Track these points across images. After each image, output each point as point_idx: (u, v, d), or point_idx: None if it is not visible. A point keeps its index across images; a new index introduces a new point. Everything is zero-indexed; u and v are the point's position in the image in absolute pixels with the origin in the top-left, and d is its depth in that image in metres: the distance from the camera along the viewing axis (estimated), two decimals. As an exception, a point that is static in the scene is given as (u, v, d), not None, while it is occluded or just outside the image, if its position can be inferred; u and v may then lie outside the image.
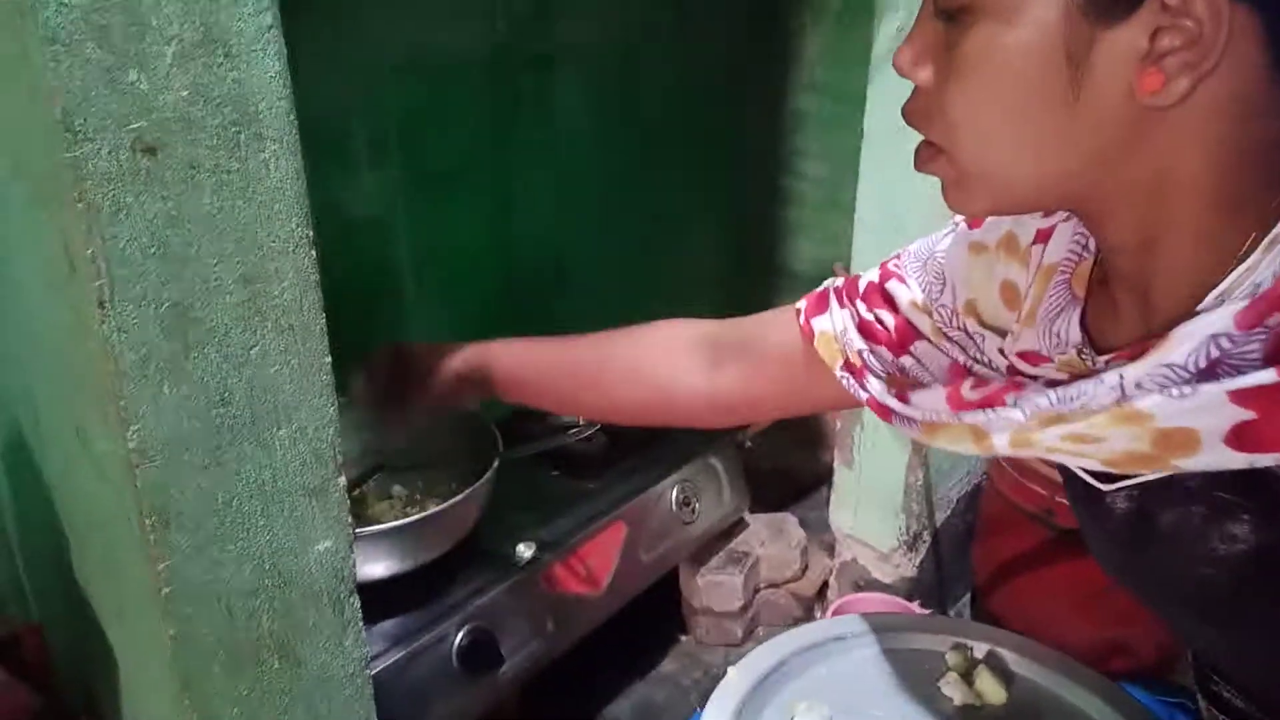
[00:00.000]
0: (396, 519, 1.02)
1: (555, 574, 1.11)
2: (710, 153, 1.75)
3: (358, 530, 0.94)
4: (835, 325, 0.68)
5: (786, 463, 1.84)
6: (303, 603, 0.69)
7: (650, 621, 1.44)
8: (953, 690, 0.72)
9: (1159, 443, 0.43)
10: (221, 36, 0.51)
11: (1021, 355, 0.57)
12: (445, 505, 0.97)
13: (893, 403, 0.60)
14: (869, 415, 1.37)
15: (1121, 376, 0.44)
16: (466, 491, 0.98)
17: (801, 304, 0.73)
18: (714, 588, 1.40)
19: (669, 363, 0.80)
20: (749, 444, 1.56)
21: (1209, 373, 0.42)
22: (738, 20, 1.68)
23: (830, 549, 1.51)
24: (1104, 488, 0.52)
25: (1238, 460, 0.41)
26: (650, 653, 1.43)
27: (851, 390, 0.65)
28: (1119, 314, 0.52)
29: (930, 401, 0.56)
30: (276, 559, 0.65)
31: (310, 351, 0.63)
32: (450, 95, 1.29)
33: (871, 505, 1.41)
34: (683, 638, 1.46)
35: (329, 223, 1.18)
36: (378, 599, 0.98)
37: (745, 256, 1.93)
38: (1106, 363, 0.50)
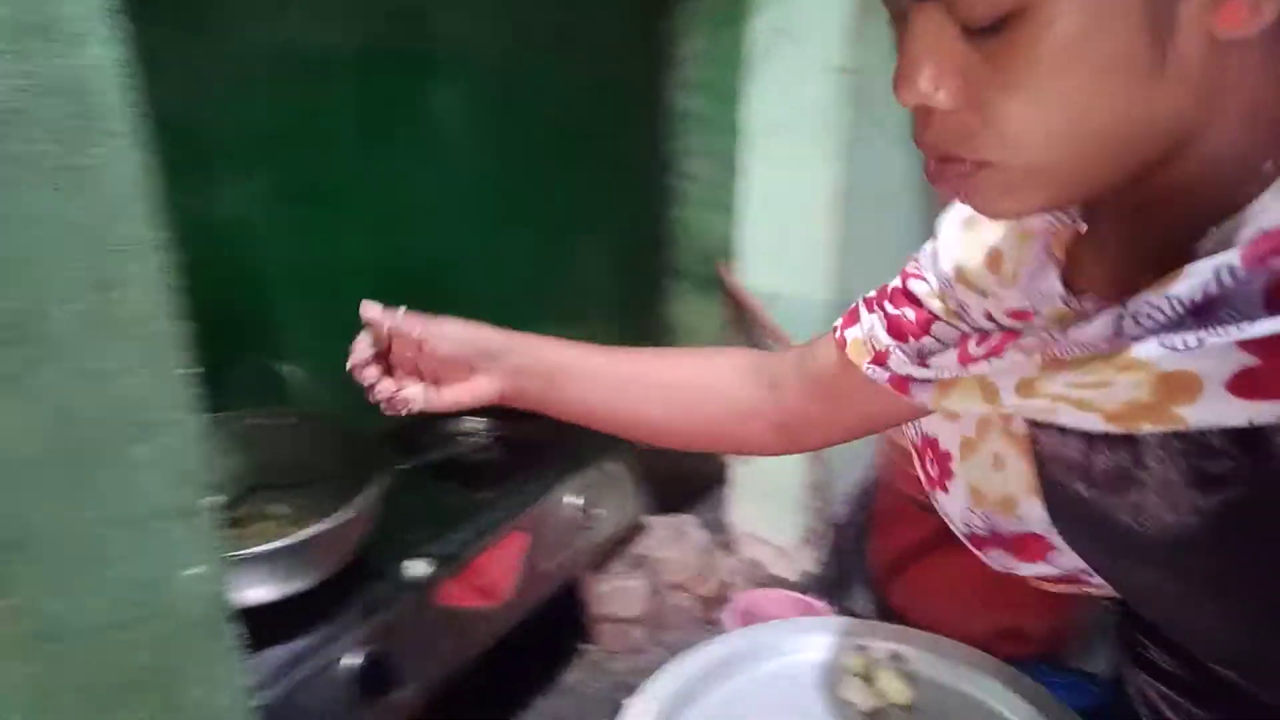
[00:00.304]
0: (278, 539, 0.97)
1: (452, 589, 1.07)
2: (597, 155, 1.73)
3: (234, 553, 0.89)
4: (864, 329, 0.70)
5: (685, 464, 1.84)
6: (175, 634, 0.64)
7: (554, 631, 1.41)
8: (855, 694, 0.72)
9: (1160, 389, 0.42)
10: (54, 21, 0.47)
11: (1009, 313, 0.58)
12: (328, 523, 0.92)
13: (911, 369, 0.60)
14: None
15: (1123, 307, 0.44)
16: (351, 507, 0.94)
17: (838, 321, 0.74)
18: (617, 594, 1.39)
19: (739, 384, 0.80)
20: (645, 447, 1.55)
21: (1206, 309, 0.41)
22: (618, 19, 1.67)
23: (729, 550, 1.51)
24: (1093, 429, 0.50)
25: (1238, 410, 0.40)
26: (555, 664, 1.40)
27: (876, 378, 0.65)
28: (1103, 261, 0.52)
29: (943, 361, 0.57)
30: (143, 588, 0.61)
31: (169, 363, 0.59)
32: (322, 98, 1.23)
33: (770, 502, 1.42)
34: (587, 647, 1.44)
35: (195, 232, 1.12)
36: (263, 625, 0.92)
37: (636, 258, 1.93)
38: (1095, 308, 0.49)
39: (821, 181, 1.15)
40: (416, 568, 1.05)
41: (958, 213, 0.65)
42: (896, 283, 0.71)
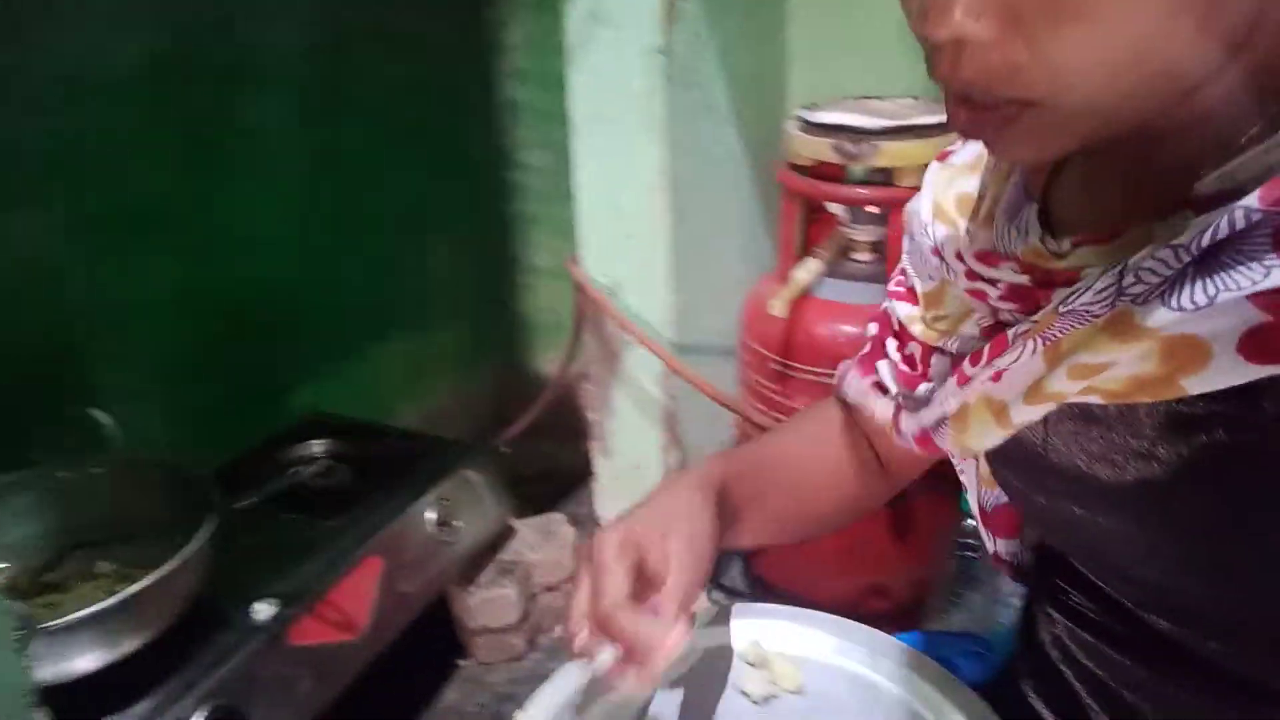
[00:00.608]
0: (99, 602, 0.89)
1: (304, 627, 1.01)
2: (433, 153, 1.68)
3: (45, 625, 0.81)
4: (887, 410, 0.66)
5: (552, 462, 1.81)
6: (-36, 734, 0.57)
7: (426, 651, 1.37)
8: (752, 685, 0.70)
9: (1166, 358, 0.39)
10: None
11: (979, 256, 0.53)
12: (146, 581, 0.85)
13: (921, 419, 0.58)
14: (620, 401, 1.37)
15: (1124, 265, 0.41)
16: (174, 560, 0.87)
17: (877, 403, 0.69)
18: (488, 604, 1.35)
19: (853, 475, 0.76)
20: (505, 449, 1.52)
21: (1211, 255, 0.38)
22: (439, 11, 1.61)
23: (601, 541, 1.50)
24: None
25: (1251, 374, 0.37)
26: (430, 684, 1.36)
27: (909, 444, 0.62)
28: (1086, 201, 0.49)
29: (944, 393, 0.54)
30: (-87, 691, 0.54)
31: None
32: (120, 118, 1.14)
33: (633, 491, 1.40)
34: (463, 662, 1.40)
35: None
36: (93, 695, 0.86)
37: (484, 253, 1.88)
38: (1072, 244, 0.47)
39: (649, 167, 1.14)
40: (263, 610, 0.99)
41: (929, 173, 0.63)
42: (889, 304, 0.68)
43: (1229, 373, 0.37)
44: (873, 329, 0.72)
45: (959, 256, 0.55)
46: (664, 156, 1.13)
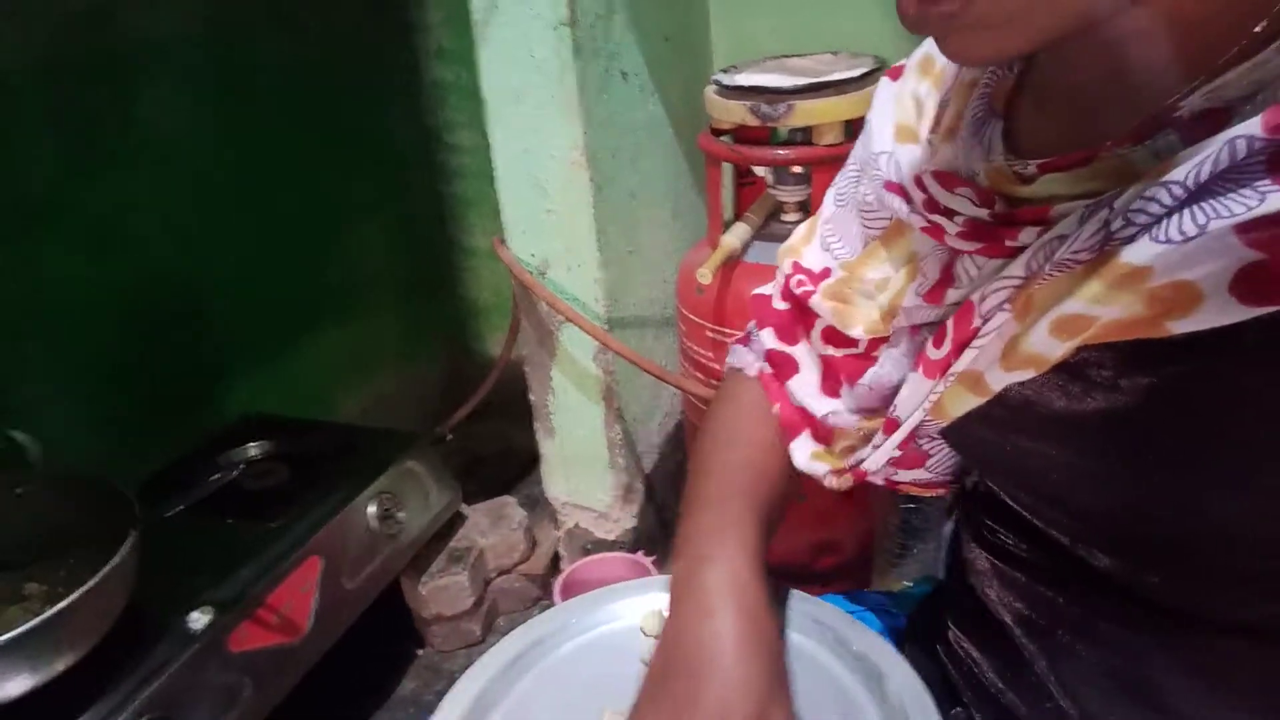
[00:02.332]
0: (30, 620, 0.87)
1: (242, 632, 1.00)
2: (361, 135, 1.64)
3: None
4: (808, 448, 0.63)
5: (504, 444, 1.80)
6: None
7: (382, 642, 1.36)
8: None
9: (1154, 304, 0.37)
10: None
11: (937, 176, 0.50)
12: (73, 597, 0.83)
13: (900, 433, 0.54)
14: (559, 380, 1.36)
15: (1110, 209, 0.38)
16: (99, 575, 0.85)
17: (808, 460, 0.64)
18: (440, 592, 1.34)
19: None
20: (450, 436, 1.50)
21: (1207, 189, 0.35)
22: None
23: (554, 521, 1.50)
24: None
25: (1242, 314, 0.35)
26: (387, 675, 1.35)
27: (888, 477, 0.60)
28: (1050, 124, 0.47)
29: (911, 392, 0.50)
30: None
31: None
32: (6, 113, 1.10)
33: (579, 468, 1.40)
34: (420, 651, 1.39)
35: None
36: (26, 718, 0.84)
37: (420, 239, 1.85)
38: (1039, 167, 0.44)
39: (564, 141, 1.12)
40: (199, 619, 0.98)
41: (881, 88, 0.59)
42: (804, 288, 0.63)
43: (1219, 314, 0.35)
44: (764, 335, 0.67)
45: (918, 182, 0.52)
46: (580, 130, 1.11)
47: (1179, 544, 0.44)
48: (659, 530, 1.49)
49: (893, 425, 0.54)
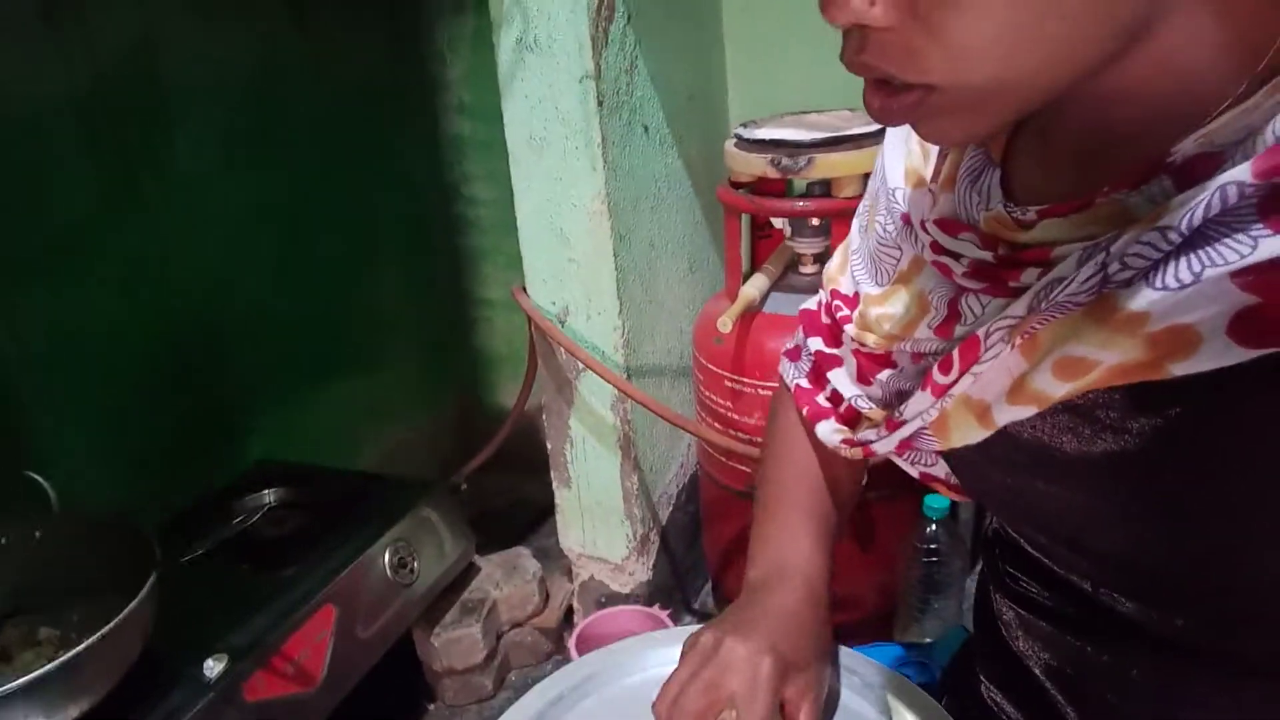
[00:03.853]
0: (45, 665, 0.86)
1: (257, 681, 0.98)
2: (380, 191, 1.66)
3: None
4: (830, 434, 0.64)
5: (518, 495, 1.79)
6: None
7: (392, 696, 1.34)
8: None
9: (1155, 347, 0.38)
10: None
11: (940, 223, 0.51)
12: (89, 642, 0.82)
13: (900, 433, 0.55)
14: (576, 429, 1.35)
15: (1107, 253, 0.38)
16: (117, 619, 0.84)
17: (830, 433, 0.65)
18: (453, 645, 1.32)
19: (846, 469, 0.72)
20: (464, 485, 1.50)
21: (1201, 234, 0.36)
22: (375, 45, 1.61)
23: (568, 574, 1.48)
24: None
25: (1241, 357, 0.35)
26: (399, 730, 1.33)
27: (887, 455, 0.60)
28: (1047, 167, 0.47)
29: (917, 404, 0.52)
30: None
31: None
32: (41, 154, 1.12)
33: (595, 519, 1.39)
34: (431, 705, 1.37)
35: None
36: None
37: (436, 287, 1.87)
38: (1038, 213, 0.44)
39: (587, 191, 1.13)
40: (214, 666, 0.96)
41: (889, 135, 0.60)
42: (841, 312, 0.65)
43: (1219, 356, 0.36)
44: (811, 342, 0.70)
45: (924, 225, 0.53)
46: (602, 180, 1.12)
47: (1198, 585, 0.43)
48: (673, 583, 1.47)
49: (895, 425, 0.55)
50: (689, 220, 1.37)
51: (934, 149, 0.56)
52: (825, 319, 0.69)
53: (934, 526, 1.23)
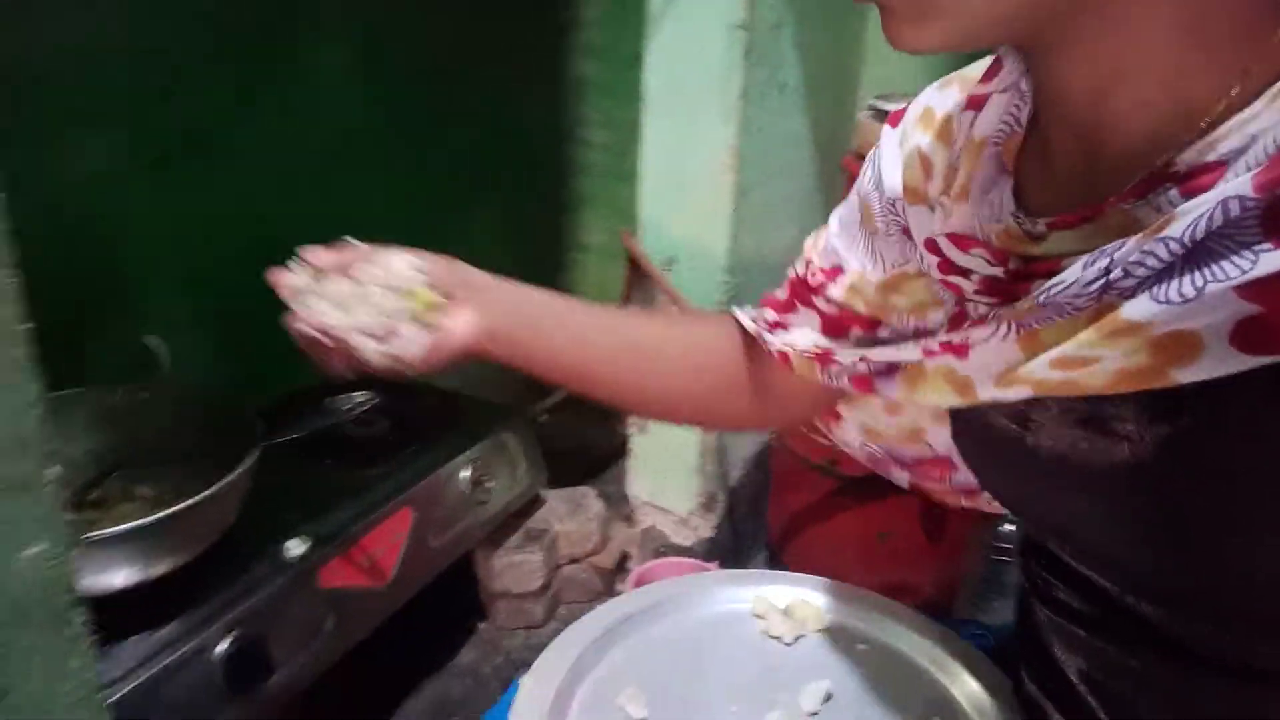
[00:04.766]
0: (146, 517, 0.90)
1: (333, 569, 1.01)
2: (492, 123, 1.67)
3: (87, 535, 0.82)
4: (797, 334, 0.65)
5: (582, 438, 1.81)
6: (8, 620, 0.57)
7: (445, 610, 1.37)
8: (778, 628, 0.70)
9: (1157, 354, 0.38)
10: None
11: (952, 238, 0.52)
12: (188, 502, 0.85)
13: (868, 352, 0.56)
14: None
15: (1111, 260, 0.39)
16: (216, 485, 0.87)
17: (770, 337, 0.67)
18: (512, 568, 1.35)
19: (728, 356, 0.72)
20: (544, 419, 1.51)
21: (1203, 246, 0.36)
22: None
23: (628, 521, 1.49)
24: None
25: (1243, 364, 0.36)
26: (446, 644, 1.36)
27: (839, 383, 0.61)
28: (1054, 177, 0.48)
29: (904, 346, 0.53)
30: (-31, 570, 0.54)
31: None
32: (183, 53, 1.15)
33: (667, 471, 1.40)
34: (481, 625, 1.40)
35: (35, 191, 1.03)
36: (123, 612, 0.86)
37: (537, 228, 1.88)
38: (1047, 225, 0.46)
39: (717, 142, 1.13)
40: (294, 547, 0.99)
41: (885, 138, 0.61)
42: (810, 277, 0.66)
43: (1221, 363, 0.36)
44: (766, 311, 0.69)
45: (931, 245, 0.54)
46: (734, 132, 1.12)
47: (1216, 593, 0.44)
48: (732, 545, 1.48)
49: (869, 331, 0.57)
50: (807, 185, 1.36)
51: (937, 158, 0.56)
52: (781, 292, 0.68)
53: (1007, 526, 1.22)
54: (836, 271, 0.64)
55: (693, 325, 0.76)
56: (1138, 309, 0.38)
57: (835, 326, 0.64)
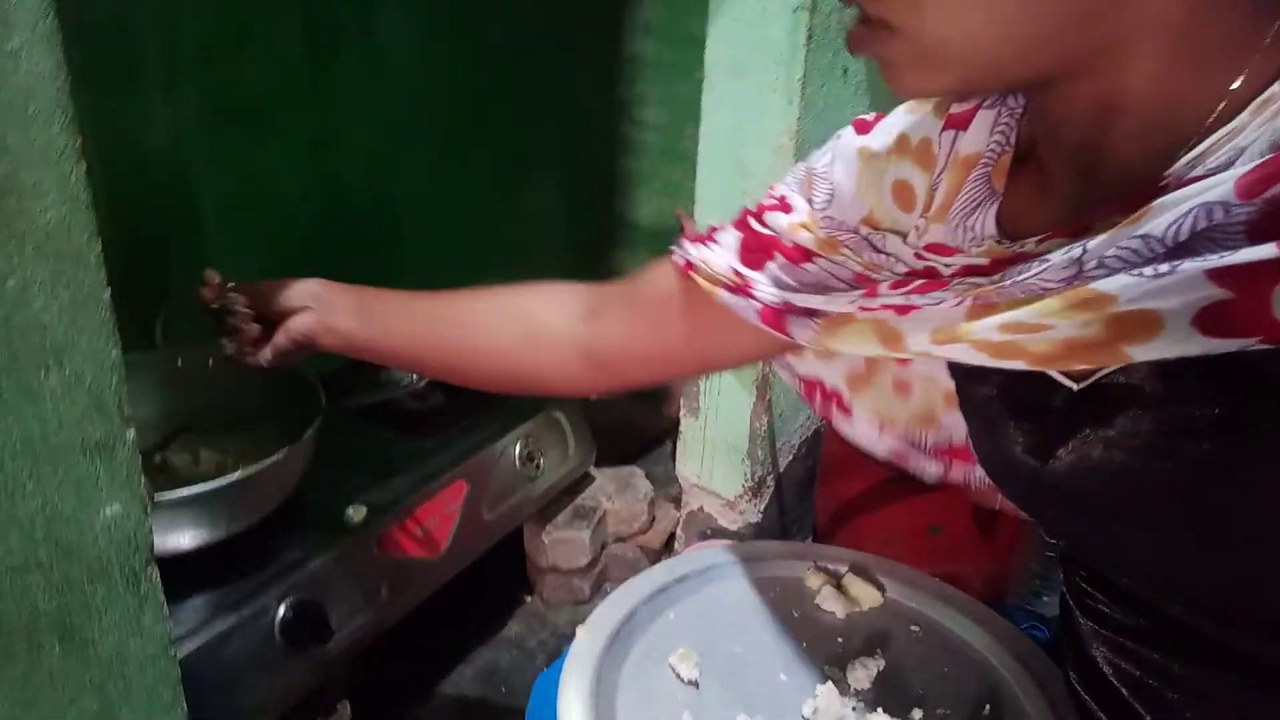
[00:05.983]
0: (207, 483, 0.92)
1: (390, 537, 1.04)
2: (548, 99, 1.68)
3: (158, 496, 0.84)
4: (716, 254, 0.61)
5: (632, 417, 1.81)
6: (88, 577, 0.60)
7: (494, 583, 1.39)
8: (832, 603, 0.70)
9: (1113, 327, 0.38)
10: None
11: (930, 248, 0.53)
12: (257, 467, 0.88)
13: (790, 297, 0.55)
14: (712, 364, 1.36)
15: (1084, 249, 0.40)
16: (282, 451, 0.89)
17: (680, 242, 0.65)
18: (560, 545, 1.36)
19: (543, 306, 0.73)
20: (594, 397, 1.52)
21: (1186, 247, 0.37)
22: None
23: (676, 501, 1.50)
24: (1071, 384, 0.47)
25: (1200, 346, 0.36)
26: (494, 616, 1.38)
27: (739, 309, 0.58)
28: (1047, 198, 0.48)
29: (836, 296, 0.52)
30: (51, 527, 0.56)
31: (84, 284, 0.54)
32: (257, 18, 1.16)
33: (717, 453, 1.40)
34: (528, 598, 1.42)
35: (118, 155, 1.06)
36: (187, 572, 0.89)
37: (587, 206, 1.88)
38: (1037, 243, 0.46)
39: (779, 125, 1.12)
40: (355, 514, 1.01)
41: (849, 143, 0.59)
42: (750, 206, 0.64)
43: (1179, 344, 0.37)
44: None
45: (916, 255, 0.54)
46: (795, 116, 1.11)
47: (1253, 605, 0.44)
48: (778, 532, 1.48)
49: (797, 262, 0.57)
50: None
51: (916, 181, 0.55)
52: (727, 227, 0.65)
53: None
54: (786, 206, 0.62)
55: (519, 293, 0.77)
56: (1110, 283, 0.38)
57: (753, 252, 0.60)
